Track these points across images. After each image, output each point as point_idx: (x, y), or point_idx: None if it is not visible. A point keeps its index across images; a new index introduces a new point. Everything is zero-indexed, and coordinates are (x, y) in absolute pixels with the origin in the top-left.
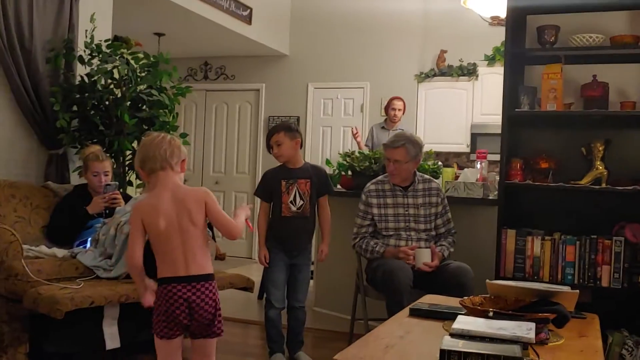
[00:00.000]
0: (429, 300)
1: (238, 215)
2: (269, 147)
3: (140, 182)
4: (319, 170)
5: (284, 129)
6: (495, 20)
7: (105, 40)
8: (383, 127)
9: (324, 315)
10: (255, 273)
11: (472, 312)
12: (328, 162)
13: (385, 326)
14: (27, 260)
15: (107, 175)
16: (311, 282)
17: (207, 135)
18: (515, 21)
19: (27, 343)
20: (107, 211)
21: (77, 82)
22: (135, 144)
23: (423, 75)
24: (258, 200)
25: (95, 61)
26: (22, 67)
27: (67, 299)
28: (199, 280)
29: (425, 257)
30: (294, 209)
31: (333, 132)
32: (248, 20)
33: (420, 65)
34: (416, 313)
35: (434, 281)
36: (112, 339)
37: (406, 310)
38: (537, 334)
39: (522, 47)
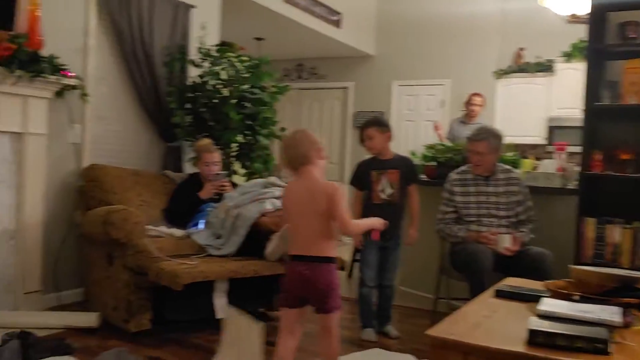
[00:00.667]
0: (511, 282)
1: (364, 221)
2: (361, 140)
3: (246, 171)
4: (407, 161)
5: (376, 124)
6: (572, 18)
7: (215, 45)
8: (462, 122)
9: (409, 293)
10: (345, 254)
11: (557, 295)
12: (413, 153)
13: (472, 305)
14: (150, 238)
15: (216, 165)
16: None
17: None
18: (596, 18)
19: (151, 310)
20: (217, 197)
21: (190, 83)
22: (240, 137)
23: (501, 72)
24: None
25: (206, 64)
26: (144, 70)
27: (185, 274)
28: (316, 260)
29: (506, 242)
30: (383, 196)
31: (416, 126)
32: (338, 24)
33: (498, 63)
34: (501, 294)
35: (514, 265)
36: (221, 309)
37: (491, 291)
38: (622, 317)
39: (603, 42)
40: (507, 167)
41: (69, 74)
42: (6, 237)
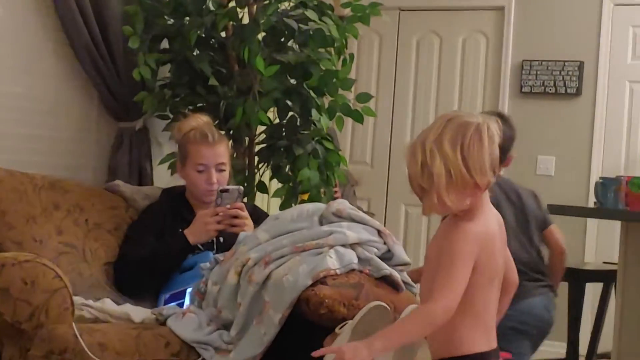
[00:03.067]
0: None
1: None
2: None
3: (284, 185)
4: None
5: None
6: None
7: None
8: None
9: None
10: None
11: None
12: None
13: None
14: (81, 325)
15: (222, 170)
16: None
17: (401, 93)
18: None
19: None
20: (222, 239)
21: None
22: (274, 113)
23: None
24: None
25: None
26: None
27: None
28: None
29: None
30: None
31: None
32: None
33: None
34: None
35: None
36: None
37: None
38: None
39: None
40: None
41: None
42: None
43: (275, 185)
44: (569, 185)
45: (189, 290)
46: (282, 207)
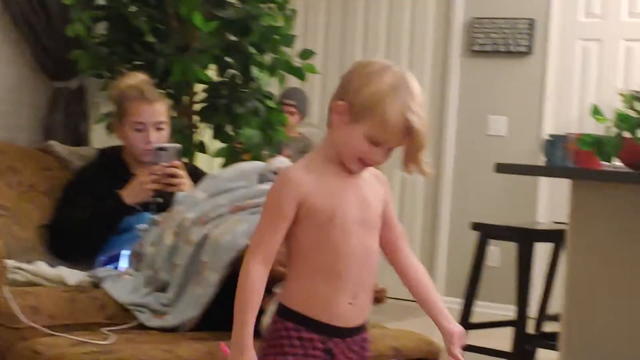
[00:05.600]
0: None
1: None
2: None
3: (224, 145)
4: None
5: None
6: None
7: None
8: None
9: None
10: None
11: None
12: (596, 111)
13: None
14: (14, 289)
15: (161, 129)
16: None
17: (350, 52)
18: None
19: None
20: (160, 200)
21: None
22: (214, 71)
23: None
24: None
25: None
26: None
27: None
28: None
29: None
30: None
31: (603, 51)
32: None
33: None
34: None
35: None
36: None
37: None
38: None
39: None
40: None
41: None
42: None
43: (217, 145)
44: (521, 145)
45: (125, 252)
46: (225, 167)
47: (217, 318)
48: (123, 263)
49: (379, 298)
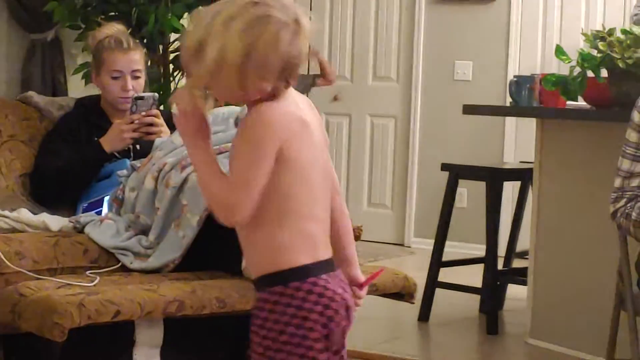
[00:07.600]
0: None
1: None
2: None
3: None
4: None
5: None
6: None
7: None
8: None
9: (546, 353)
10: (414, 271)
11: None
12: (560, 51)
13: None
14: None
15: (137, 77)
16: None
17: (319, 9)
18: None
19: None
20: (139, 146)
21: None
22: (187, 21)
23: None
24: None
25: None
26: None
27: (71, 307)
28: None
29: None
30: None
31: None
32: None
33: None
34: None
35: None
36: None
37: None
38: None
39: None
40: None
41: None
42: None
43: None
44: (487, 89)
45: (106, 198)
46: None
47: (198, 259)
48: (105, 209)
49: (355, 236)
